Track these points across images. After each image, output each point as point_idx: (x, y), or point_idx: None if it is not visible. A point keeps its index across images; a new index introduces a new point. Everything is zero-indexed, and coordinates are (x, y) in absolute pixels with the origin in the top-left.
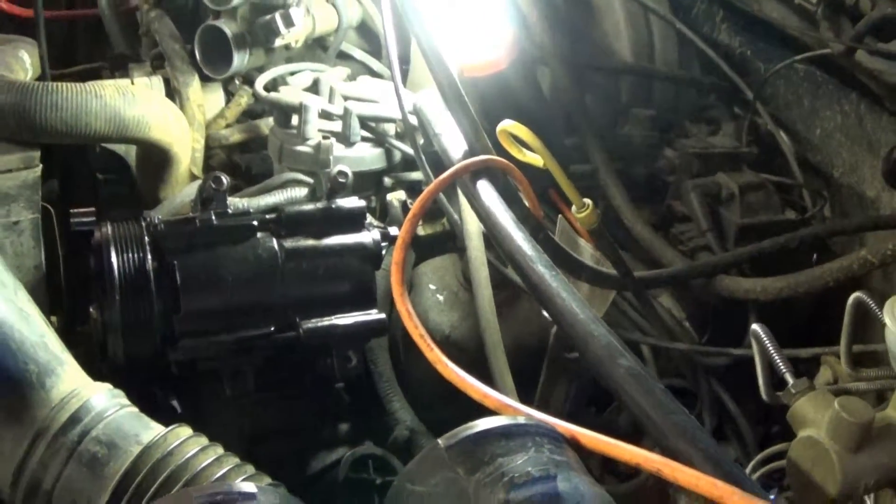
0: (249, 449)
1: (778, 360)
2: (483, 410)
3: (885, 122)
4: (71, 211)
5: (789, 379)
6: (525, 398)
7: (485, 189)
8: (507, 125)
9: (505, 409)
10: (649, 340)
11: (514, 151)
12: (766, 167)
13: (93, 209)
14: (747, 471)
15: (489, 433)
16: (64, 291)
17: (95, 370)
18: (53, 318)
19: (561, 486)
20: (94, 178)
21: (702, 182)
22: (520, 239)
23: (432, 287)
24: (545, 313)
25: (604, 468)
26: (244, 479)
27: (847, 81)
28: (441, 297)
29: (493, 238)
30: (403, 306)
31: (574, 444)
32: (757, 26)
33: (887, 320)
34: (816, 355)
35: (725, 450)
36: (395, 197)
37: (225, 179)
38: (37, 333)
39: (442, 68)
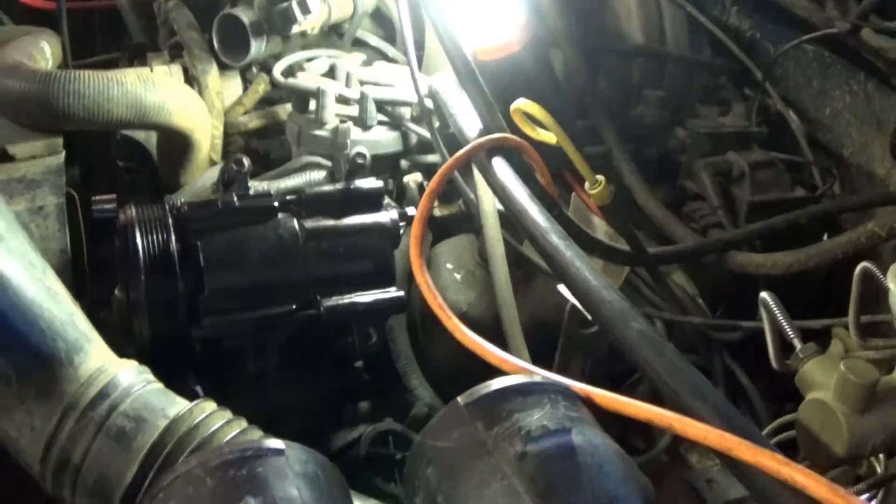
0: (271, 426)
1: (786, 327)
2: None
3: (894, 100)
4: (92, 198)
5: (797, 344)
6: None
7: (500, 166)
8: (521, 104)
9: (522, 372)
10: (663, 315)
11: (528, 130)
12: (776, 147)
13: (114, 196)
14: None
15: (507, 390)
16: (88, 277)
17: (118, 352)
18: (77, 303)
19: (576, 438)
20: (115, 166)
21: (713, 161)
22: (534, 212)
23: (449, 266)
24: (562, 289)
25: (619, 442)
26: None
27: (855, 61)
28: (458, 276)
29: (509, 212)
30: (422, 278)
31: (588, 403)
32: (766, 8)
33: (891, 285)
34: (827, 327)
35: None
36: (412, 179)
37: (246, 161)
38: (65, 312)
39: (457, 50)
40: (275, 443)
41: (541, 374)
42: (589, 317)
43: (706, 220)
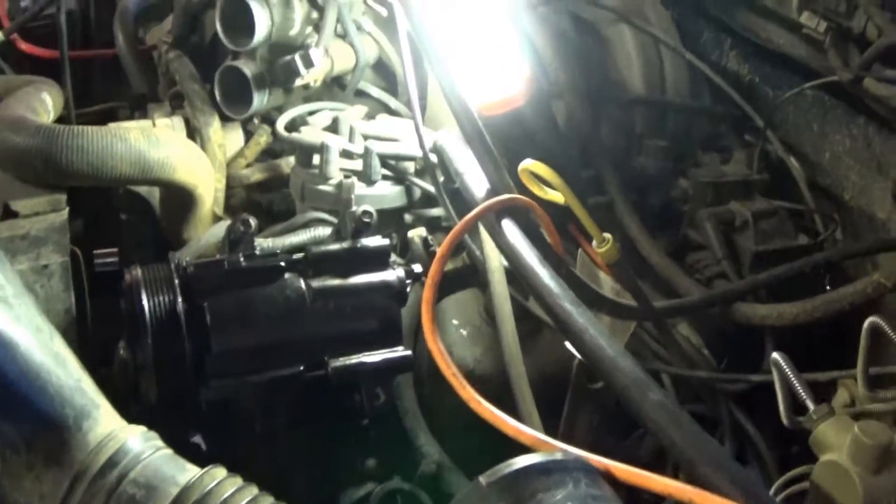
0: (280, 485)
1: (798, 387)
2: (507, 442)
3: (894, 143)
4: (94, 252)
5: (810, 405)
6: (549, 428)
7: (509, 228)
8: (529, 164)
9: (540, 444)
10: (669, 369)
11: (536, 189)
12: (778, 193)
13: (115, 250)
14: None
15: (528, 469)
16: (91, 333)
17: (122, 412)
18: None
19: None
20: (118, 219)
21: (716, 211)
22: (546, 277)
23: (455, 322)
24: (570, 345)
25: (628, 499)
26: None
27: (855, 106)
28: (464, 332)
29: (520, 276)
30: (436, 346)
31: (608, 477)
32: (765, 52)
33: None
34: (833, 379)
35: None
36: (416, 233)
37: (253, 222)
38: (73, 377)
39: (462, 107)
40: None
41: (560, 448)
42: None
43: (710, 270)
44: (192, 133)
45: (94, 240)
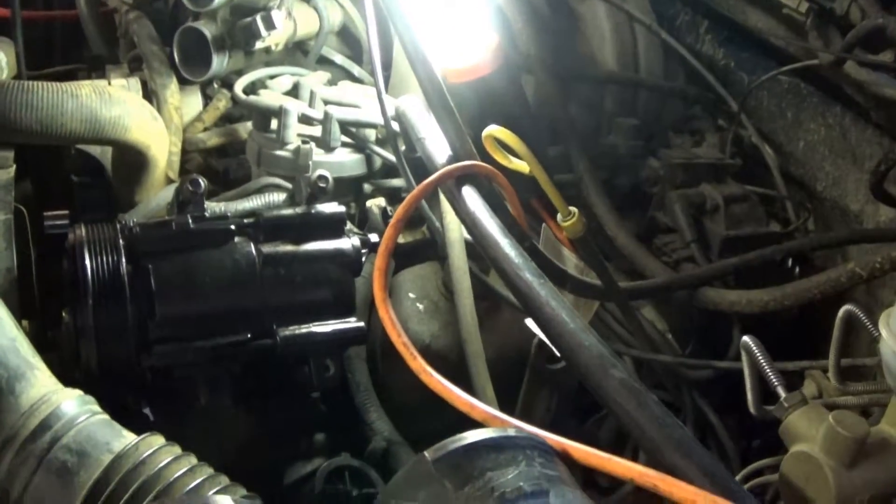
0: (224, 459)
1: (770, 373)
2: (463, 422)
3: (870, 134)
4: (44, 213)
5: (781, 392)
6: (506, 409)
7: (470, 195)
8: (493, 130)
9: (492, 420)
10: (633, 352)
11: (500, 157)
12: (750, 179)
13: (66, 212)
14: None
15: (478, 445)
16: (36, 295)
17: (68, 377)
18: (25, 323)
19: (553, 501)
20: (69, 181)
21: (686, 193)
22: (507, 246)
23: (412, 296)
24: (529, 323)
25: (584, 481)
26: (218, 491)
27: (831, 94)
28: (421, 307)
29: (479, 245)
30: (386, 314)
31: (565, 458)
32: (741, 37)
33: (883, 332)
34: (803, 369)
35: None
36: (375, 204)
37: (202, 182)
38: (7, 337)
39: (427, 71)
40: (222, 499)
41: (514, 425)
42: (561, 358)
43: (678, 253)
44: (149, 95)
45: (44, 201)
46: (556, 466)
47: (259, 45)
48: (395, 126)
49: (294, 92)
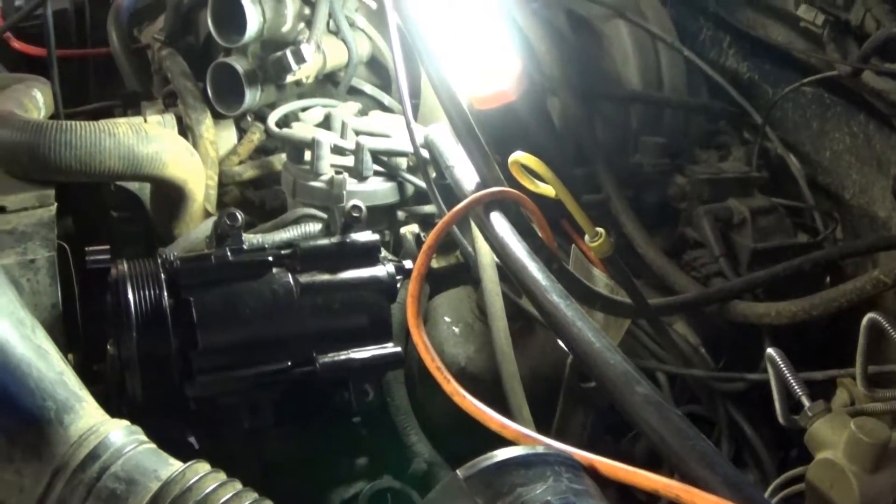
0: (267, 484)
1: (794, 384)
2: (500, 441)
3: (894, 141)
4: (86, 249)
5: (806, 402)
6: (542, 428)
7: (498, 221)
8: (519, 156)
9: (523, 439)
10: (665, 367)
11: (527, 182)
12: (777, 191)
13: (107, 247)
14: (766, 495)
15: (508, 462)
16: (80, 329)
17: (113, 407)
18: (70, 356)
19: None
20: (109, 216)
21: (713, 208)
22: (534, 269)
23: (447, 319)
24: (561, 343)
25: (621, 495)
26: None
27: (855, 102)
28: (456, 329)
29: (508, 269)
30: (420, 339)
31: (592, 473)
32: (764, 50)
33: None
34: (832, 378)
35: (745, 475)
36: (409, 230)
37: (240, 216)
38: (55, 371)
39: (453, 101)
40: None
41: (543, 442)
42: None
43: (707, 268)
44: (185, 130)
45: (85, 237)
46: (583, 481)
47: (290, 78)
48: (425, 154)
49: (326, 123)
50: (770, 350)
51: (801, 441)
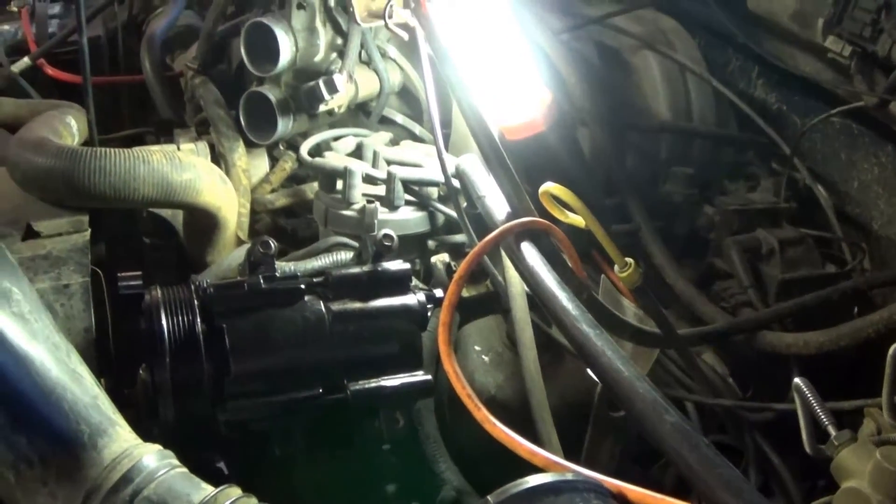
0: None
1: (820, 413)
2: (529, 471)
3: None
4: (118, 275)
5: (832, 431)
6: (571, 457)
7: (528, 251)
8: (550, 187)
9: (553, 466)
10: (693, 397)
11: (556, 213)
12: (805, 221)
13: (139, 273)
14: None
15: (538, 489)
16: (112, 354)
17: (144, 432)
18: (102, 381)
19: None
20: (141, 243)
21: (742, 238)
22: (564, 299)
23: (477, 348)
24: (591, 372)
25: None
26: None
27: (883, 133)
28: (486, 358)
29: (538, 298)
30: (451, 367)
31: (622, 500)
32: (792, 81)
33: None
34: (859, 407)
35: None
36: (439, 259)
37: (273, 244)
38: (89, 394)
39: (483, 131)
40: None
41: (573, 469)
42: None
43: (736, 298)
44: (217, 158)
45: (117, 263)
46: None
47: (322, 107)
48: (456, 183)
49: (358, 153)
50: (797, 380)
51: (828, 472)
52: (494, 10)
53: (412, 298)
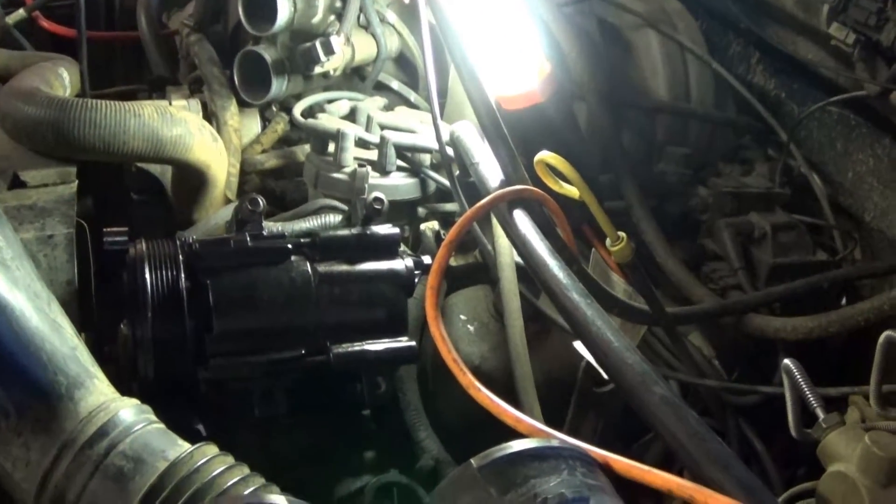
0: (274, 471)
1: (809, 395)
2: (512, 439)
3: None
4: (104, 230)
5: (820, 414)
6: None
7: (521, 218)
8: (545, 156)
9: (538, 433)
10: (678, 376)
11: (551, 182)
12: (799, 209)
13: (126, 229)
14: None
15: (522, 454)
16: (94, 309)
17: (124, 389)
18: (83, 335)
19: None
20: (129, 199)
21: (734, 221)
22: (555, 267)
23: (463, 317)
24: (578, 346)
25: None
26: None
27: (881, 125)
28: (472, 328)
29: (529, 266)
30: (437, 331)
31: (606, 470)
32: (792, 68)
33: None
34: (845, 395)
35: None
36: (429, 227)
37: (261, 201)
38: (68, 345)
39: (481, 98)
40: (276, 499)
41: (558, 438)
42: (606, 376)
43: (725, 280)
44: (209, 116)
45: (103, 218)
46: (598, 477)
47: (318, 69)
48: (450, 151)
49: (351, 116)
50: (786, 360)
51: (809, 460)
52: None
53: (400, 263)
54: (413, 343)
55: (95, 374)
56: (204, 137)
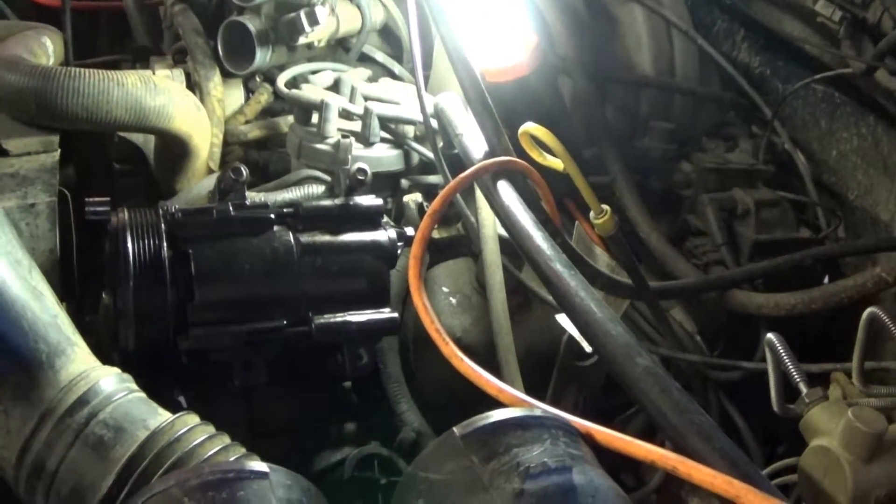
0: (255, 442)
1: (792, 370)
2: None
3: None
4: (86, 199)
5: (803, 388)
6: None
7: (505, 190)
8: (530, 127)
9: (520, 404)
10: (661, 351)
11: (535, 154)
12: (782, 186)
13: (108, 199)
14: None
15: (505, 423)
16: (76, 279)
17: (105, 358)
18: (64, 305)
19: (576, 478)
20: (111, 168)
21: (718, 197)
22: (538, 238)
23: (445, 290)
24: (560, 319)
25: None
26: None
27: (865, 104)
28: (454, 300)
29: (512, 237)
30: (420, 301)
31: (589, 440)
32: (777, 45)
33: None
34: (826, 372)
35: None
36: (412, 199)
37: (244, 171)
38: (49, 313)
39: (466, 69)
40: (258, 465)
41: (541, 408)
42: (589, 349)
43: (708, 256)
44: (193, 86)
45: (86, 188)
46: (580, 447)
47: (302, 40)
48: (434, 123)
49: (335, 87)
50: (770, 335)
51: (789, 437)
52: None
53: (382, 234)
54: (395, 314)
55: (76, 343)
56: (187, 107)
